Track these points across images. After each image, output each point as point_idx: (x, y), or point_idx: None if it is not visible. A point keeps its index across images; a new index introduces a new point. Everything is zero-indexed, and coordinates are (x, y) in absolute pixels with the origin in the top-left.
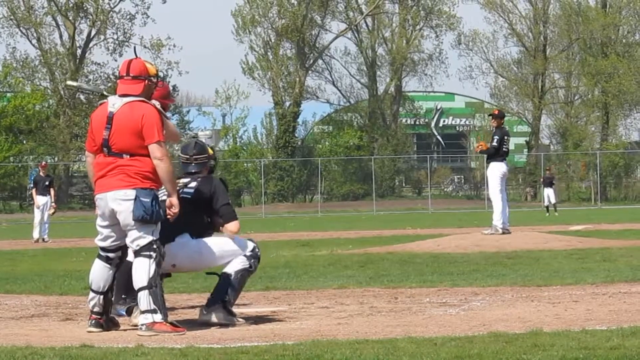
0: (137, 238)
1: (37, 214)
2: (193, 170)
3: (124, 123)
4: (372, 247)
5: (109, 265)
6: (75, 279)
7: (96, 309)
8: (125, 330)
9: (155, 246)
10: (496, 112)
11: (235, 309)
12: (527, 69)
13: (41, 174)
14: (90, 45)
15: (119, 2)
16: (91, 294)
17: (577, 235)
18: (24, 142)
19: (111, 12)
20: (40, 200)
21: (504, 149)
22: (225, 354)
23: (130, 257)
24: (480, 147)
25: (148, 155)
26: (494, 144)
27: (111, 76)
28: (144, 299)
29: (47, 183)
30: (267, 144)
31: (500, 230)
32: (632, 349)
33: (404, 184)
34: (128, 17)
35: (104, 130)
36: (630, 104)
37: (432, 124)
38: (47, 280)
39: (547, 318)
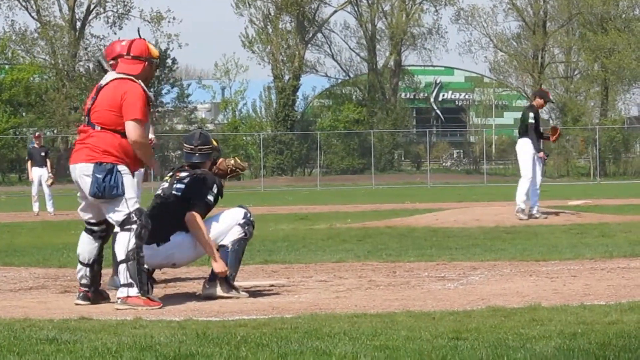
0: (111, 213)
1: (34, 186)
2: (196, 161)
3: (106, 97)
4: (371, 221)
5: (93, 238)
6: (74, 252)
7: (83, 281)
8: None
9: (134, 218)
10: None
11: (234, 284)
12: (527, 44)
13: (35, 145)
14: (90, 18)
15: None
16: (78, 266)
17: (576, 210)
18: (23, 114)
19: None
20: (35, 172)
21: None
22: (223, 327)
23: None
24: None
25: (120, 133)
26: (531, 120)
27: None
28: (122, 273)
29: (42, 154)
30: (267, 117)
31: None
32: (630, 324)
33: (403, 158)
34: None
35: (89, 100)
36: (630, 79)
37: (432, 98)
38: (45, 252)
39: (546, 293)
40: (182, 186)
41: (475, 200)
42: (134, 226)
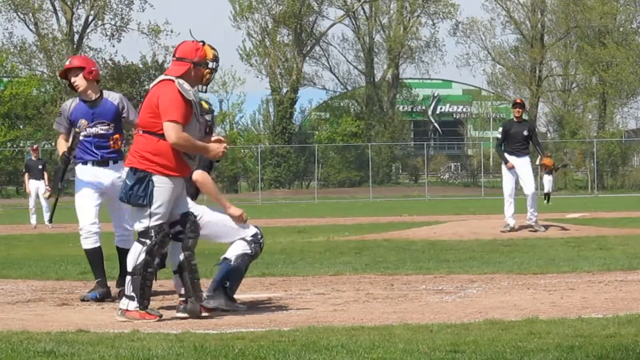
0: (135, 222)
1: (31, 199)
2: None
3: (146, 100)
4: (369, 233)
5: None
6: (72, 264)
7: (180, 291)
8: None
9: (151, 234)
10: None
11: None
12: (525, 57)
13: (33, 157)
14: (88, 30)
15: None
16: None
17: (573, 223)
18: (21, 127)
19: None
20: (32, 184)
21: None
22: (221, 339)
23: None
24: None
25: (159, 135)
26: (497, 135)
27: (108, 61)
28: (127, 284)
29: (40, 167)
30: (264, 130)
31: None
32: (628, 337)
33: (400, 171)
34: (126, 2)
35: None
36: (628, 92)
37: (429, 111)
38: (43, 265)
39: (543, 306)
40: None
41: (472, 213)
42: (148, 242)
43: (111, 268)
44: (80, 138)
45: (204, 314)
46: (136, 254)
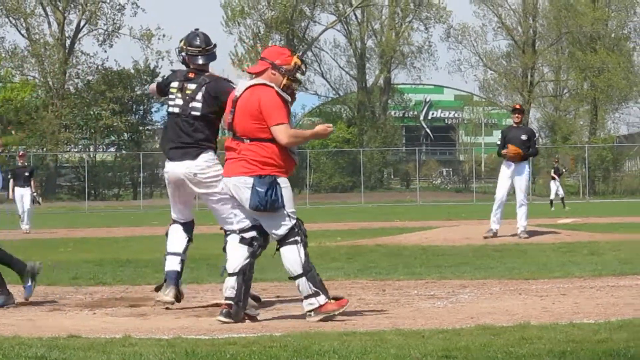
0: (273, 228)
1: (18, 205)
2: (202, 62)
3: (244, 107)
4: (361, 239)
5: (243, 244)
6: (63, 270)
7: (228, 293)
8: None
9: (296, 230)
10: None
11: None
12: (516, 63)
13: (19, 163)
14: (80, 35)
15: None
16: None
17: (565, 228)
18: (12, 132)
19: (101, 3)
20: (17, 191)
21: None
22: (212, 345)
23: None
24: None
25: (269, 140)
26: (497, 142)
27: (100, 67)
28: (304, 285)
29: (27, 174)
30: None
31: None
32: (620, 343)
33: (392, 176)
34: (118, 7)
35: (228, 113)
36: (619, 98)
37: (421, 117)
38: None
39: (535, 311)
40: (199, 105)
41: (464, 218)
42: (298, 237)
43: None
44: None
45: (246, 321)
46: (297, 255)
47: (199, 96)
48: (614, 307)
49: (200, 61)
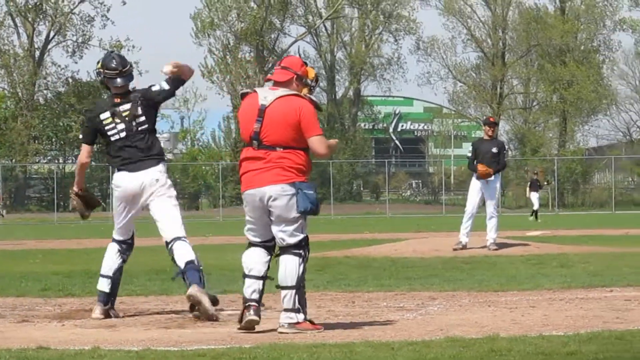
0: (289, 235)
1: None
2: (121, 84)
3: (278, 116)
4: (330, 251)
5: (267, 252)
6: (32, 281)
7: (254, 296)
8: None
9: (304, 243)
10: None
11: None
12: (486, 75)
13: None
14: (49, 47)
15: (78, 3)
16: (248, 282)
17: (534, 240)
18: None
19: (70, 14)
20: None
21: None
22: (182, 356)
23: None
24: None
25: (301, 148)
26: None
27: (69, 79)
28: (289, 298)
29: None
30: (226, 147)
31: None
32: (589, 355)
33: (362, 188)
34: (87, 19)
35: (254, 122)
36: (588, 110)
37: (391, 129)
38: (3, 282)
39: (504, 323)
40: (143, 119)
41: (434, 230)
42: (303, 252)
43: None
44: None
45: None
46: (296, 267)
47: (139, 111)
48: (583, 319)
49: (119, 82)
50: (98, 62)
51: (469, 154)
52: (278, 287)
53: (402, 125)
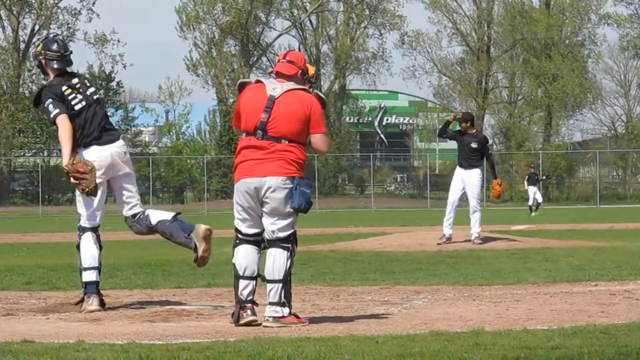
0: (280, 228)
1: None
2: (58, 67)
3: (288, 109)
4: (315, 245)
5: (258, 249)
6: (17, 274)
7: (251, 297)
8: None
9: (292, 238)
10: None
11: (178, 307)
12: (471, 69)
13: None
14: (34, 40)
15: None
16: (243, 283)
17: (519, 234)
18: None
19: (55, 8)
20: None
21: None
22: (167, 350)
23: None
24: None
25: (303, 143)
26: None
27: None
28: (275, 292)
29: None
30: (211, 140)
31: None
32: (573, 349)
33: (347, 182)
34: (72, 12)
35: (261, 112)
36: (573, 105)
37: (376, 123)
38: None
39: (489, 317)
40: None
41: (418, 224)
42: (291, 247)
43: None
44: None
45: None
46: (284, 261)
47: (88, 83)
48: (568, 313)
49: (56, 65)
50: (38, 45)
51: (449, 119)
52: (264, 280)
53: (387, 119)
